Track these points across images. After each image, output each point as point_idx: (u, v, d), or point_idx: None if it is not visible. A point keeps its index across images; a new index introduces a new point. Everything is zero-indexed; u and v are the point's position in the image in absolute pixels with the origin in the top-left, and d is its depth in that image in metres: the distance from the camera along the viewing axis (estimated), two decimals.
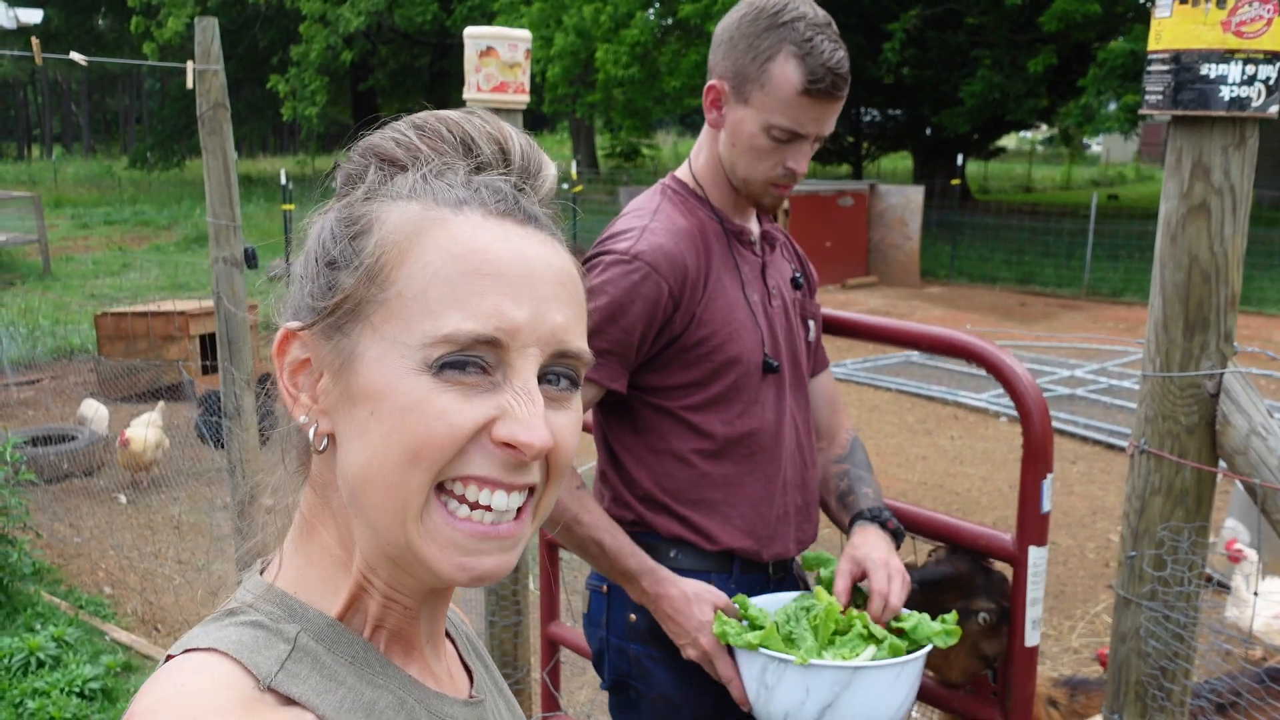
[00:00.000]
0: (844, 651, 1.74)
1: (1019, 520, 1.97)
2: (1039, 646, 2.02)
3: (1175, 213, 1.60)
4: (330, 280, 0.81)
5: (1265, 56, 1.48)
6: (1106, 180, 33.82)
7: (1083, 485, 6.73)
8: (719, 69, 1.90)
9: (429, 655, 0.90)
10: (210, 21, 3.71)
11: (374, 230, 0.80)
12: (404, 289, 0.77)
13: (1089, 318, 12.84)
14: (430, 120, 0.85)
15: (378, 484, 0.78)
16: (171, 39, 23.15)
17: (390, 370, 0.77)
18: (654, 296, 1.85)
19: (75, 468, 6.59)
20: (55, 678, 3.92)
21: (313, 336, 0.82)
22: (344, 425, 0.80)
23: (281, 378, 0.83)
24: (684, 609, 1.86)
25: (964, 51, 19.00)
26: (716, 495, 1.96)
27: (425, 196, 0.81)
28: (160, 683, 0.74)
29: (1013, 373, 1.96)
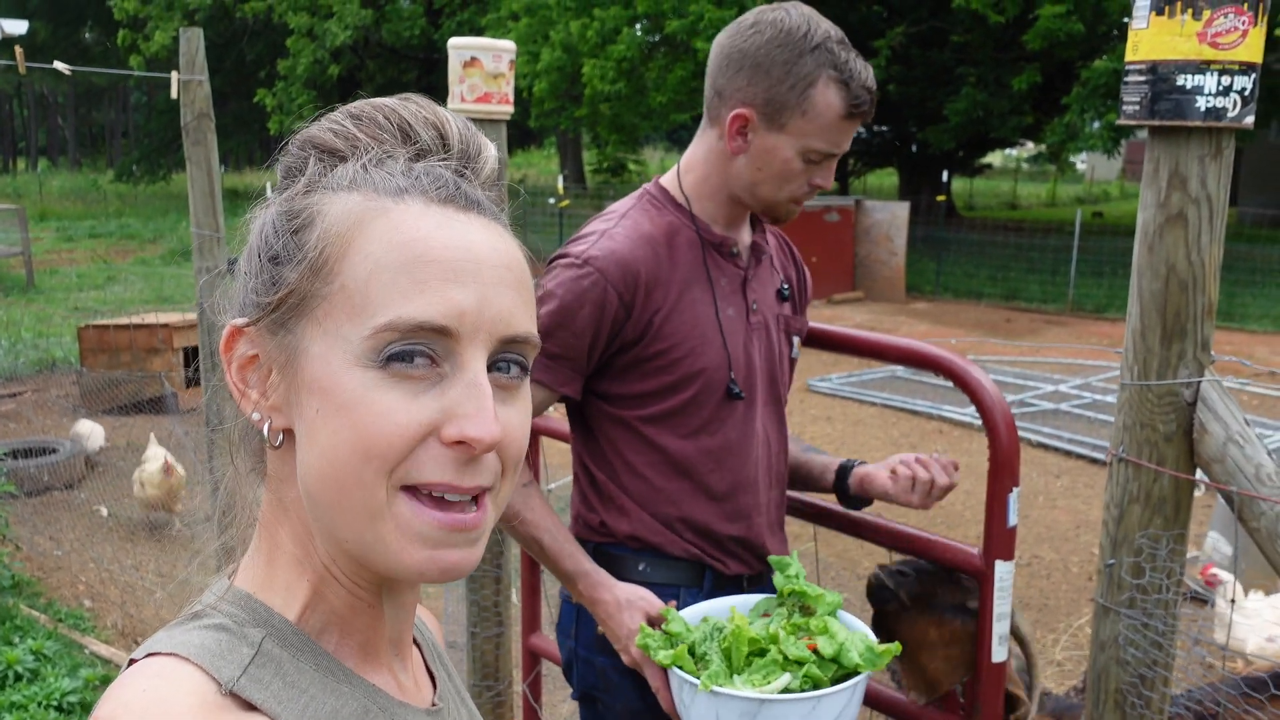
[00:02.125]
0: (756, 677, 1.66)
1: (985, 534, 1.94)
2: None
3: (1153, 222, 1.61)
4: (274, 275, 0.80)
5: (1240, 67, 1.50)
6: (1091, 197, 34.05)
7: (1066, 499, 6.75)
8: (742, 96, 1.84)
9: (394, 661, 0.89)
10: (195, 32, 3.72)
11: (316, 223, 0.79)
12: (346, 282, 0.76)
13: (1073, 333, 12.91)
14: (366, 109, 0.85)
15: (333, 482, 0.76)
16: (158, 52, 23.15)
17: (334, 365, 0.76)
18: (601, 302, 1.84)
19: (56, 480, 6.54)
20: (33, 691, 3.88)
21: (259, 333, 0.80)
22: (297, 421, 0.79)
23: (230, 374, 0.82)
24: (615, 615, 1.84)
25: (949, 69, 19.11)
26: (670, 510, 1.95)
27: (366, 187, 0.80)
28: (122, 688, 0.73)
29: (978, 384, 1.94)
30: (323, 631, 0.83)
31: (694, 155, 1.98)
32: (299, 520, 0.82)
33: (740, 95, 1.85)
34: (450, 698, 0.97)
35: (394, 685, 0.87)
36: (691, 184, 1.97)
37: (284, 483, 0.83)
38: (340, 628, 0.83)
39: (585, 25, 17.58)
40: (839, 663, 1.68)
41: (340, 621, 0.83)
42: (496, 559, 3.03)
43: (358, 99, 0.88)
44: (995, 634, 1.93)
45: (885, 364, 10.25)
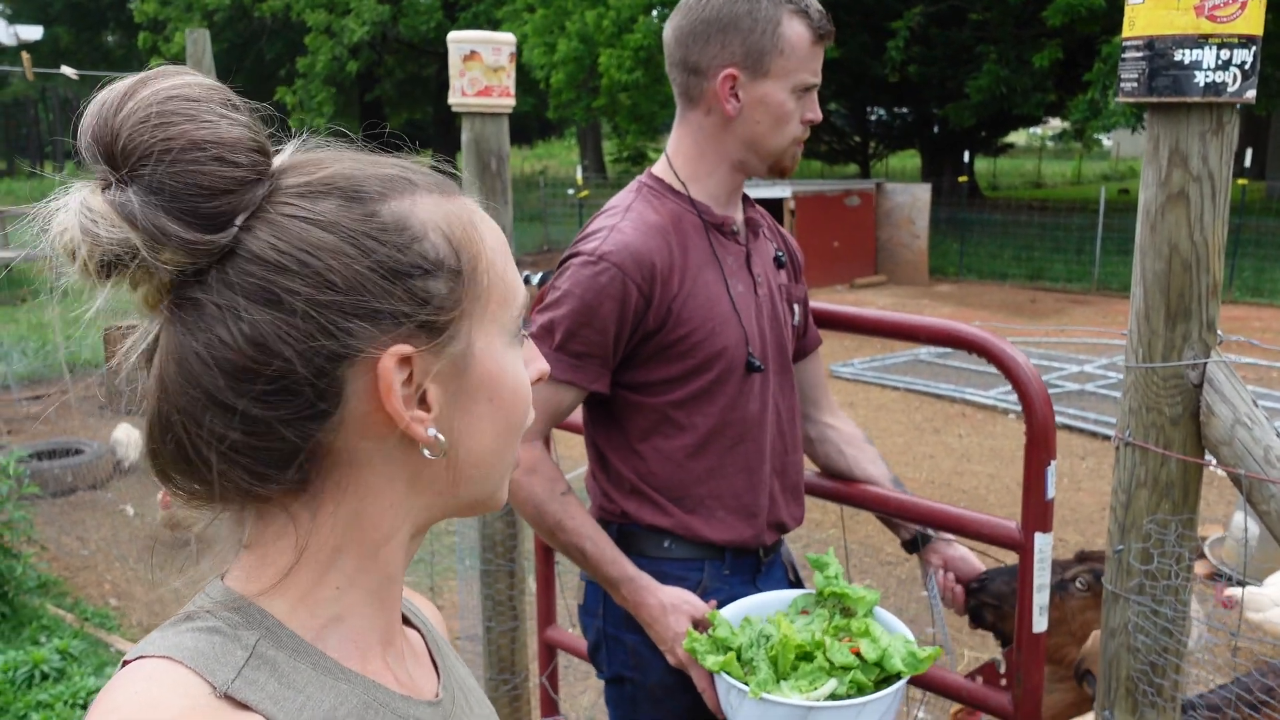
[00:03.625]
0: (803, 683, 1.71)
1: (1024, 507, 1.97)
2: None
3: (1154, 201, 1.58)
4: (422, 292, 0.76)
5: (1240, 41, 1.46)
6: (1117, 175, 33.66)
7: (1091, 481, 6.68)
8: (721, 59, 1.88)
9: (388, 652, 0.89)
10: (202, 33, 3.73)
11: (426, 232, 0.78)
12: (492, 277, 0.83)
13: (1099, 313, 12.79)
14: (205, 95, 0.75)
15: (502, 457, 0.86)
16: (178, 53, 23.26)
17: (498, 354, 0.83)
18: (622, 296, 1.85)
19: (81, 481, 6.61)
20: (59, 690, 3.93)
21: (420, 355, 0.77)
22: (458, 422, 0.82)
23: (394, 405, 0.76)
24: (660, 619, 1.88)
25: (969, 48, 18.94)
26: (700, 490, 1.97)
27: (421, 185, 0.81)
28: (115, 690, 0.73)
29: (1014, 361, 1.96)
30: (317, 632, 0.82)
31: (681, 140, 1.99)
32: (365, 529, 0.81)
33: (718, 59, 1.89)
34: (455, 688, 0.96)
35: (392, 679, 0.87)
36: (685, 167, 1.98)
37: (369, 498, 0.81)
38: (337, 626, 0.83)
39: (601, 15, 17.55)
40: (881, 666, 1.74)
41: (337, 620, 0.83)
42: (510, 553, 3.04)
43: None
44: (1036, 605, 1.96)
45: (916, 346, 10.21)
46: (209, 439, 0.75)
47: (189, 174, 0.71)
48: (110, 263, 0.72)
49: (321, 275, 0.73)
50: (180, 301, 0.74)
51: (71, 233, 0.72)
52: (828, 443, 2.27)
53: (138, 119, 0.72)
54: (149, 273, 0.73)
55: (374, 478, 0.81)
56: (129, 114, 0.72)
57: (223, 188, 0.72)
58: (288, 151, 0.81)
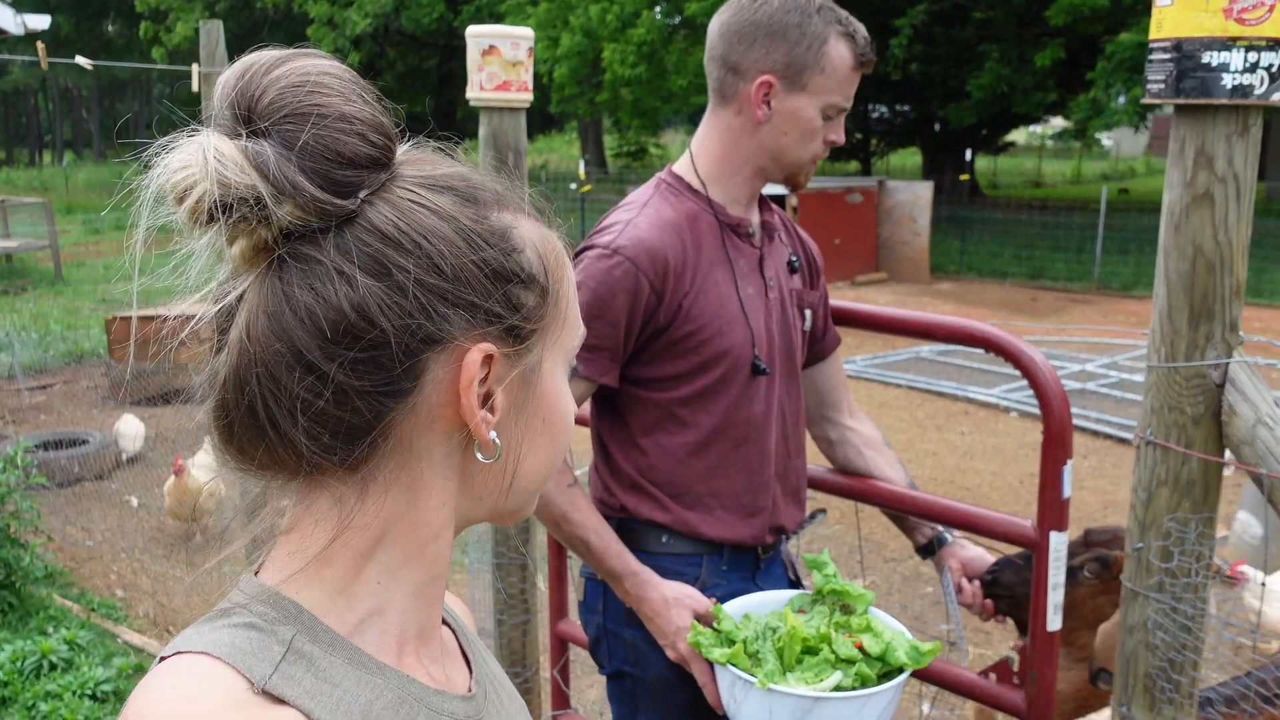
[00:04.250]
0: (809, 675, 1.73)
1: (1040, 506, 1.98)
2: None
3: (1179, 202, 1.59)
4: (514, 299, 0.81)
5: (1268, 44, 1.47)
6: (1117, 174, 33.68)
7: (1094, 480, 6.70)
8: (762, 64, 1.89)
9: (424, 649, 0.89)
10: (215, 24, 3.73)
11: (526, 247, 0.83)
12: (566, 302, 0.87)
13: (1100, 312, 12.80)
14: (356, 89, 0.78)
15: (541, 479, 0.90)
16: (180, 43, 23.27)
17: (559, 378, 0.88)
18: (634, 290, 1.86)
19: (87, 472, 6.62)
20: (67, 680, 3.94)
21: (503, 357, 0.81)
22: (514, 432, 0.85)
23: (471, 400, 0.79)
24: (663, 613, 1.89)
25: (971, 46, 18.94)
26: (700, 488, 1.99)
27: (525, 209, 0.87)
28: (152, 686, 0.73)
29: (1030, 360, 1.96)
30: (358, 627, 0.83)
31: (707, 137, 2.01)
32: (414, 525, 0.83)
33: (759, 64, 1.90)
34: (487, 682, 0.97)
35: (426, 674, 0.88)
36: (708, 166, 1.99)
37: (422, 493, 0.82)
38: (373, 622, 0.83)
39: (605, 9, 17.54)
40: (884, 660, 1.76)
41: (386, 612, 0.84)
42: (523, 545, 3.05)
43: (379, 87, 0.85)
44: (1051, 603, 1.96)
45: (918, 343, 10.21)
46: (285, 399, 0.76)
47: (332, 139, 0.74)
48: (228, 205, 0.73)
49: (432, 260, 0.76)
50: (290, 256, 0.75)
51: (192, 171, 0.72)
52: (847, 444, 2.28)
53: (291, 82, 0.75)
54: (259, 224, 0.74)
55: (429, 471, 0.82)
56: (281, 76, 0.75)
57: (358, 160, 0.75)
58: (402, 150, 0.83)
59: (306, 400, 0.76)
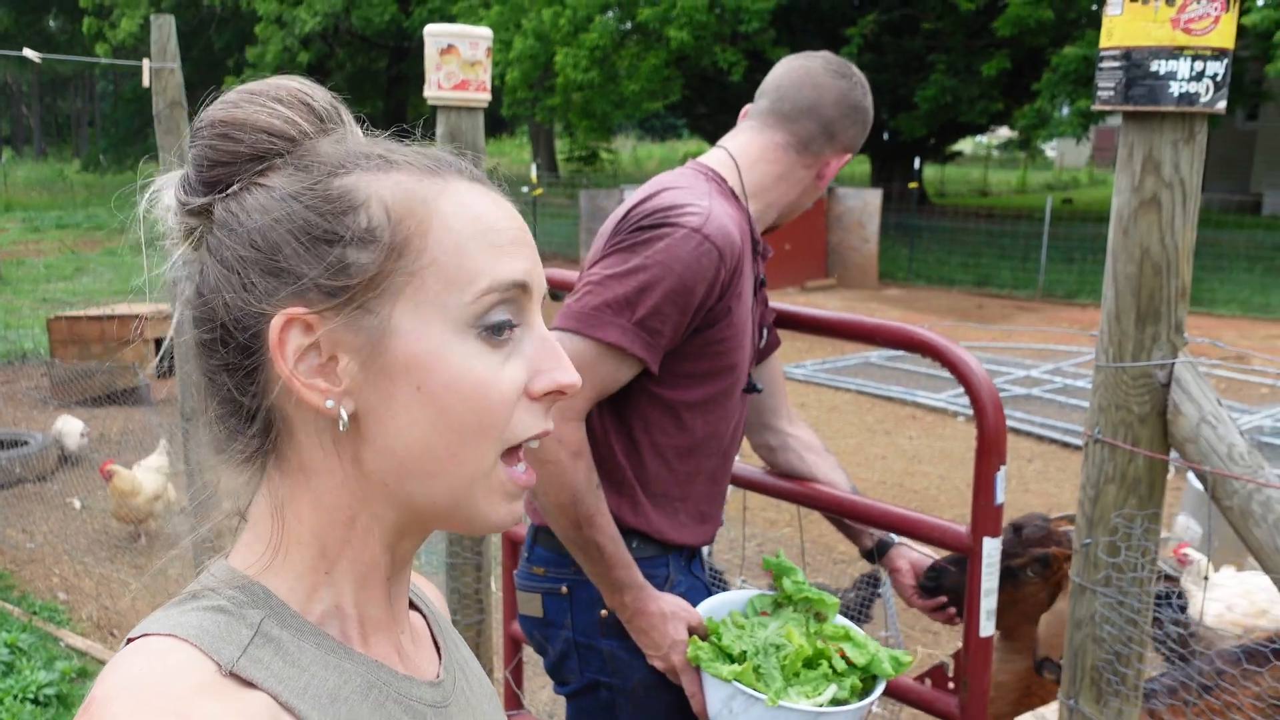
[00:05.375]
0: (807, 689, 1.79)
1: (973, 512, 1.99)
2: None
3: (1127, 206, 1.64)
4: (341, 260, 0.78)
5: (1213, 53, 1.52)
6: (1061, 184, 34.27)
7: (1039, 483, 6.82)
8: (850, 142, 2.05)
9: (394, 633, 0.90)
10: (167, 19, 3.68)
11: (372, 204, 0.79)
12: (437, 255, 0.80)
13: (1044, 319, 13.02)
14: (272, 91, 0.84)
15: (443, 455, 0.80)
16: (125, 40, 22.87)
17: (435, 339, 0.79)
18: (713, 280, 1.82)
19: (28, 473, 6.49)
20: (9, 684, 3.86)
21: (323, 320, 0.79)
22: (378, 403, 0.79)
23: (285, 366, 0.79)
24: (660, 626, 1.89)
25: (920, 57, 19.19)
26: (675, 491, 1.99)
27: (403, 166, 0.82)
28: (119, 667, 0.73)
29: (966, 365, 1.97)
30: (326, 612, 0.83)
31: (762, 160, 2.03)
32: (330, 505, 0.82)
33: (849, 142, 2.05)
34: (456, 669, 0.98)
35: (396, 658, 0.88)
36: (755, 183, 2.02)
37: (322, 470, 0.82)
38: (341, 606, 0.84)
39: (557, 13, 17.53)
40: (867, 670, 1.84)
41: (349, 600, 0.84)
42: (477, 546, 3.04)
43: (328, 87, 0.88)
44: (983, 609, 1.97)
45: (868, 349, 10.32)
46: (201, 387, 0.85)
47: (199, 147, 0.82)
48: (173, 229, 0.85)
49: (249, 234, 0.80)
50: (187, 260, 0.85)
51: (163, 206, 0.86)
52: (789, 450, 2.30)
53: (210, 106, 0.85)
54: (181, 237, 0.84)
55: (313, 449, 0.82)
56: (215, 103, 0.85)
57: (218, 160, 0.81)
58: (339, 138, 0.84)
59: (207, 386, 0.83)
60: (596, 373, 1.80)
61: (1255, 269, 15.67)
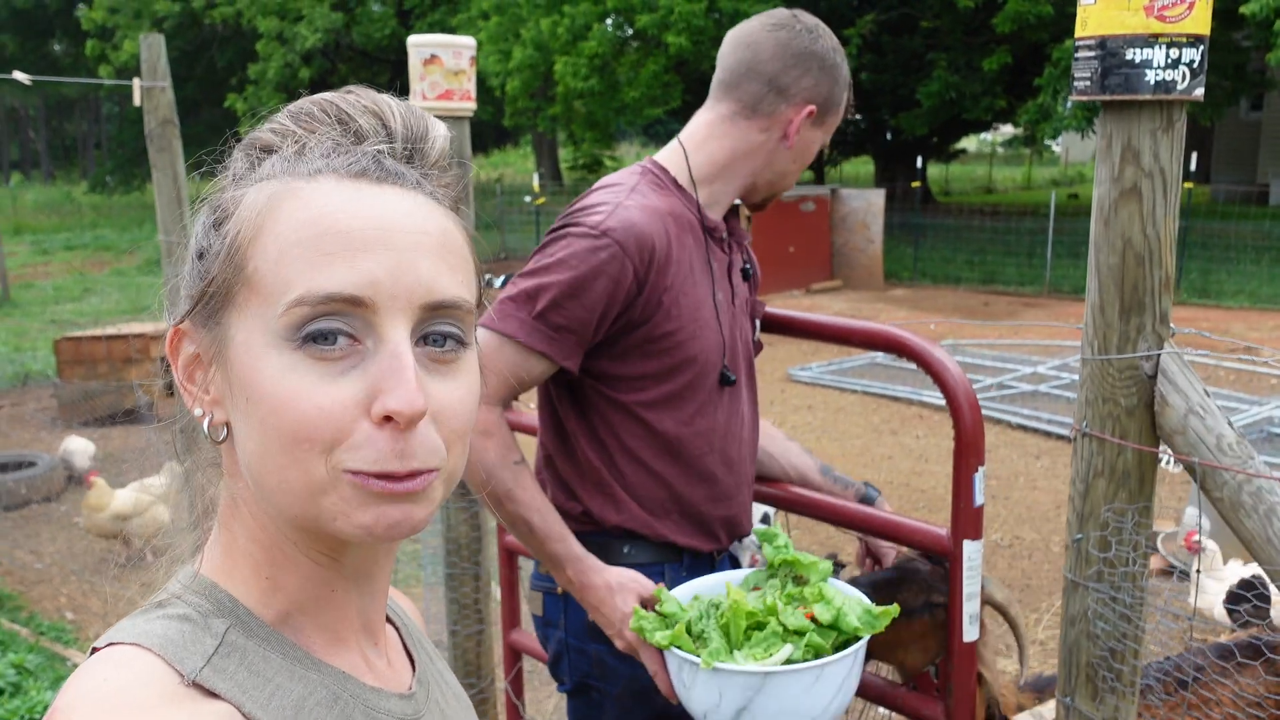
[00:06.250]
0: (757, 651, 1.62)
1: (953, 514, 1.94)
2: (1001, 639, 2.02)
3: (1107, 197, 1.62)
4: (201, 271, 0.81)
5: (1188, 40, 1.50)
6: (1066, 180, 34.18)
7: (1046, 480, 6.78)
8: (809, 94, 1.94)
9: (365, 645, 0.89)
10: (156, 39, 3.69)
11: (235, 214, 0.80)
12: (259, 264, 0.76)
13: (1051, 315, 12.97)
14: (305, 104, 0.85)
15: (274, 467, 0.76)
16: (128, 61, 22.95)
17: (255, 350, 0.76)
18: (618, 276, 1.81)
19: (35, 494, 6.50)
20: (15, 705, 3.87)
21: (194, 329, 0.81)
22: (233, 413, 0.79)
23: (177, 373, 0.83)
24: (608, 600, 1.82)
25: (920, 55, 19.16)
26: (662, 494, 1.96)
27: (284, 174, 0.80)
28: (83, 677, 0.73)
29: (941, 365, 1.94)
30: (285, 620, 0.83)
31: (710, 139, 1.98)
32: (248, 512, 0.82)
33: (807, 93, 1.94)
34: (431, 681, 0.97)
35: (365, 670, 0.87)
36: (705, 166, 1.98)
37: (233, 476, 0.83)
38: (303, 615, 0.83)
39: (556, 22, 17.54)
40: (838, 629, 1.66)
41: (302, 609, 0.83)
42: (475, 556, 3.03)
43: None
44: (965, 614, 1.94)
45: (852, 349, 10.28)
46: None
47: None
48: None
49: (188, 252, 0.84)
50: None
51: None
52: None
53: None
54: None
55: (225, 457, 0.84)
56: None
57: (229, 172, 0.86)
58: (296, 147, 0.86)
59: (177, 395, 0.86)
60: (502, 363, 1.83)
61: (1263, 260, 15.59)
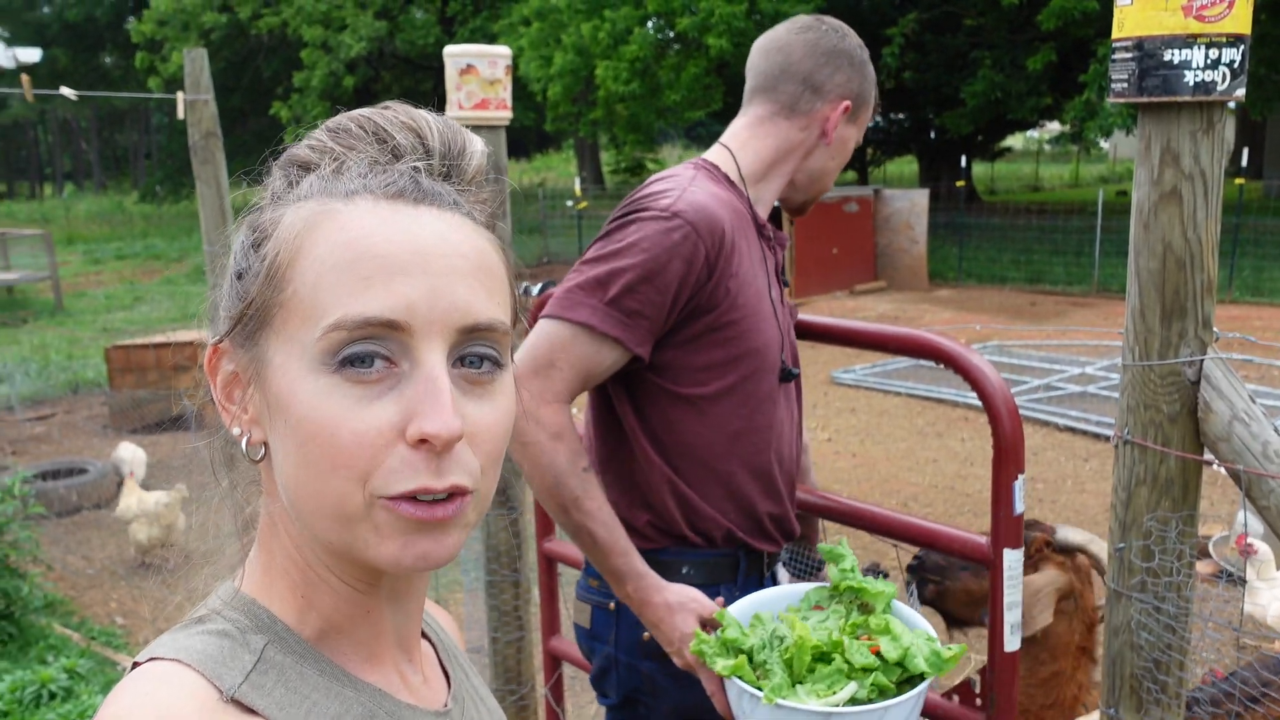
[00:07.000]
0: (820, 688, 1.57)
1: (993, 523, 1.90)
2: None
3: (1147, 200, 1.59)
4: (240, 291, 0.81)
5: (1228, 40, 1.47)
6: (1115, 176, 33.69)
7: (1095, 483, 6.68)
8: (842, 90, 1.98)
9: (401, 661, 0.89)
10: (199, 53, 3.75)
11: (272, 234, 0.80)
12: (298, 287, 0.76)
13: (1100, 315, 12.79)
14: (343, 120, 0.85)
15: (310, 493, 0.77)
16: (176, 73, 23.31)
17: (292, 374, 0.76)
18: (690, 258, 1.79)
19: (86, 500, 6.62)
20: (67, 709, 3.93)
21: (233, 348, 0.81)
22: (271, 434, 0.80)
23: (216, 392, 0.83)
24: (667, 619, 1.79)
25: (964, 53, 18.99)
26: (720, 490, 1.93)
27: (321, 194, 0.80)
28: (124, 692, 0.74)
29: (979, 371, 1.91)
30: (322, 637, 0.83)
31: (754, 139, 2.00)
32: (285, 531, 0.83)
33: (840, 90, 1.99)
34: (466, 698, 0.97)
35: (401, 687, 0.88)
36: (753, 165, 1.99)
37: (271, 495, 0.83)
38: (339, 633, 0.84)
39: (596, 27, 17.59)
40: (903, 667, 1.60)
41: (337, 627, 0.84)
42: (515, 563, 3.04)
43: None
44: (1007, 623, 1.91)
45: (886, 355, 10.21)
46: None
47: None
48: None
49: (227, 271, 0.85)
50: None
51: None
52: None
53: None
54: None
55: (264, 475, 0.85)
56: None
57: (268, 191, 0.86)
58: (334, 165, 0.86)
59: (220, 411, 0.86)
60: (573, 354, 1.79)
61: None
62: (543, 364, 1.78)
